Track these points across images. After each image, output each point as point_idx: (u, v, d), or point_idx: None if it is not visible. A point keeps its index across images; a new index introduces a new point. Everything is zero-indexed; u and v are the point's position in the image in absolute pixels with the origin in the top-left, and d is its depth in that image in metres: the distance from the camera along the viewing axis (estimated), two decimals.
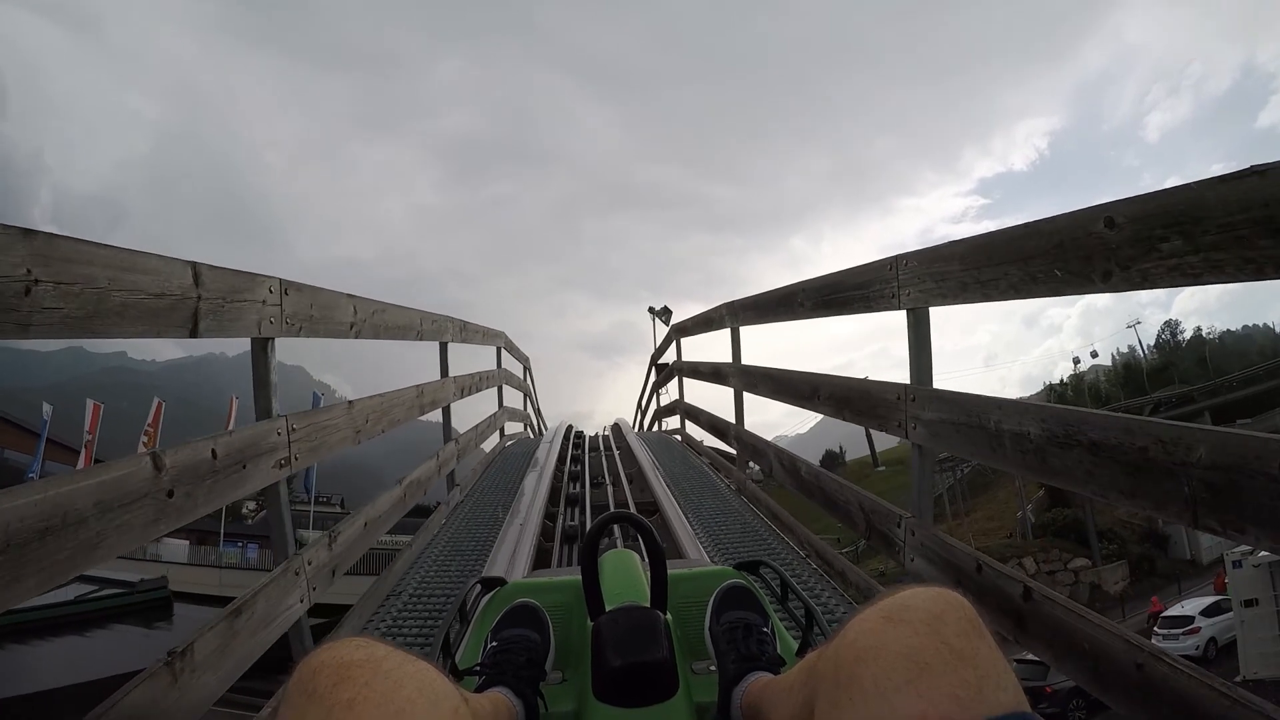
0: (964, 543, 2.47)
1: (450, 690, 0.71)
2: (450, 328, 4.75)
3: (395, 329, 3.53)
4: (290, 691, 0.66)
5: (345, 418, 2.81)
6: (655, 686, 1.12)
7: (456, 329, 4.91)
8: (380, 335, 3.31)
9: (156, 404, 26.90)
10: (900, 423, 2.51)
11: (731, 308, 4.79)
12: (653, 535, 1.30)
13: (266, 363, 2.34)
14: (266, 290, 2.26)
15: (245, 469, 2.10)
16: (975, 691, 0.59)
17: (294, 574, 2.37)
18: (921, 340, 2.49)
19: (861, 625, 0.67)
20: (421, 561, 3.66)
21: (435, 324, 4.38)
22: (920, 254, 2.39)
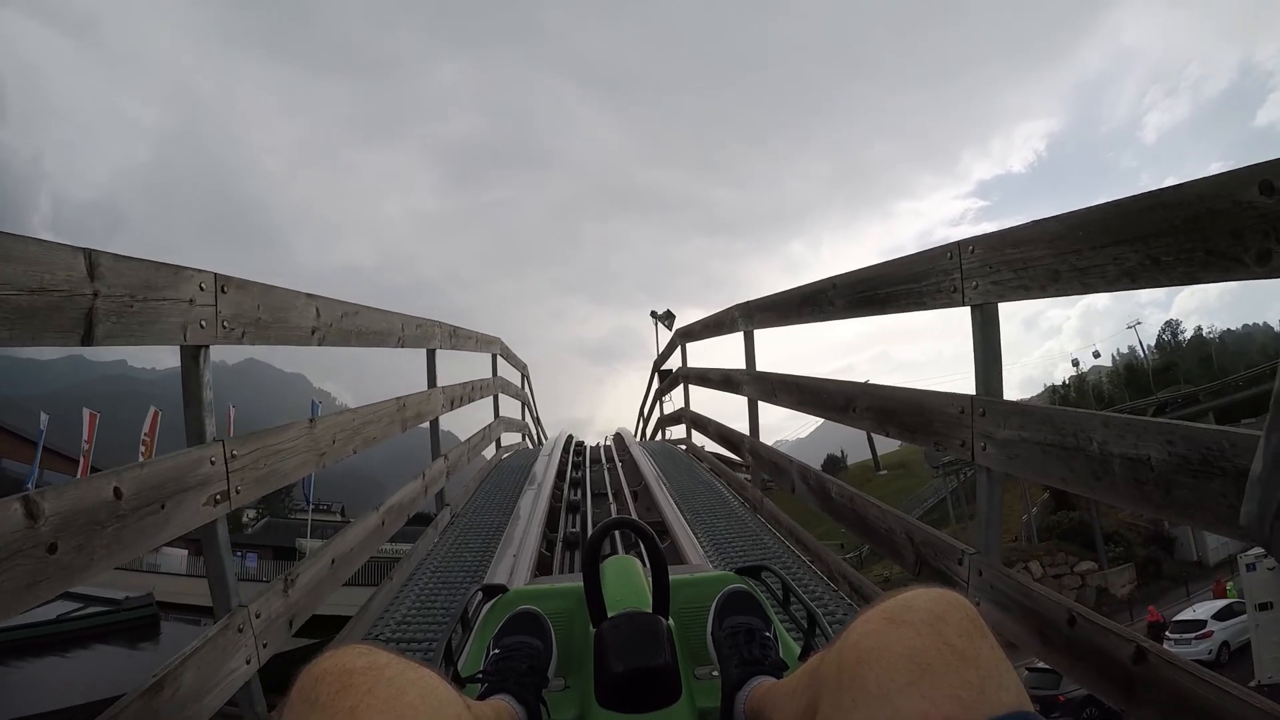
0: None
1: (453, 697, 0.71)
2: (438, 333, 4.33)
3: (370, 335, 3.11)
4: (293, 700, 0.65)
5: (304, 439, 2.39)
6: (658, 692, 1.12)
7: (445, 335, 4.50)
8: (351, 342, 2.89)
9: (153, 413, 26.63)
10: (964, 441, 2.09)
11: (745, 309, 4.38)
12: (654, 541, 1.30)
13: (198, 376, 1.92)
14: (196, 287, 1.84)
15: (165, 509, 1.68)
16: (978, 691, 0.59)
17: (237, 631, 1.96)
18: (990, 342, 2.08)
19: (864, 627, 0.67)
20: None
21: (421, 329, 3.96)
22: (990, 238, 1.98)
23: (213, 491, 1.87)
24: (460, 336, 4.94)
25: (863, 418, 2.71)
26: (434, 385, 4.32)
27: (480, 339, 5.95)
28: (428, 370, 4.35)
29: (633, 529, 1.38)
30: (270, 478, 2.15)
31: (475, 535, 4.17)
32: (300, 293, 2.44)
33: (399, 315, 3.53)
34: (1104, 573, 24.73)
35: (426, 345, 4.20)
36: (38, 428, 25.34)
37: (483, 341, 6.11)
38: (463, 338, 5.04)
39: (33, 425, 25.66)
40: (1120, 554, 25.71)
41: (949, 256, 2.11)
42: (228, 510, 1.94)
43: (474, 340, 5.61)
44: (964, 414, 2.09)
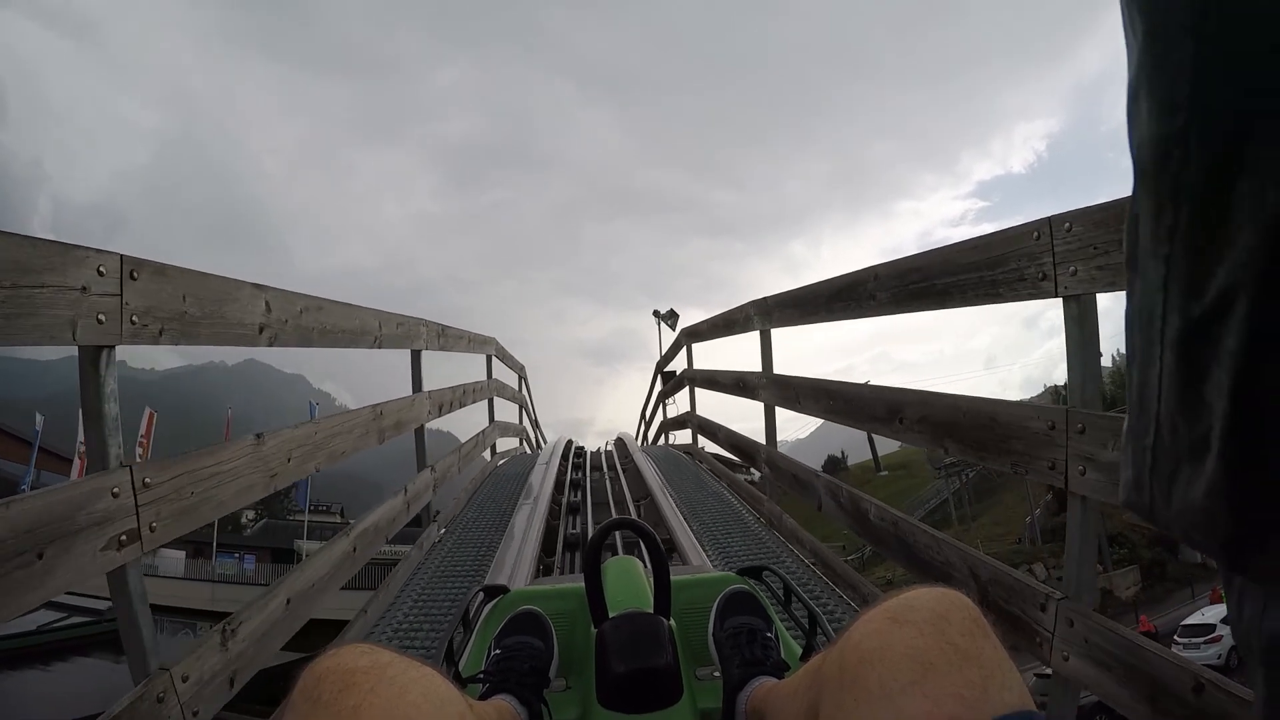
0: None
1: (455, 696, 0.70)
2: (424, 333, 3.93)
3: (338, 334, 2.71)
4: (295, 699, 0.64)
5: (248, 458, 1.98)
6: (659, 693, 1.12)
7: (432, 335, 4.09)
8: (314, 341, 2.48)
9: (148, 414, 26.40)
10: (1055, 463, 1.69)
11: (762, 306, 3.97)
12: (655, 541, 1.30)
13: (98, 384, 1.51)
14: (92, 272, 1.43)
15: (44, 559, 1.28)
16: (980, 691, 0.58)
17: (155, 700, 1.56)
18: (1089, 343, 1.68)
19: (866, 627, 0.66)
20: None
21: (402, 328, 3.56)
22: (1091, 213, 1.57)
23: (117, 531, 1.47)
24: (449, 336, 4.54)
25: (912, 431, 2.30)
26: (419, 390, 3.92)
27: (473, 339, 5.54)
28: (412, 373, 3.94)
29: (634, 529, 1.37)
30: (200, 509, 1.75)
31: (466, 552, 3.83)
32: (244, 282, 2.03)
33: (374, 312, 3.12)
34: (1109, 575, 24.55)
35: (410, 346, 3.79)
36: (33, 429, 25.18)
37: (476, 342, 5.69)
38: (452, 338, 4.64)
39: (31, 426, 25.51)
40: (1125, 556, 25.75)
41: (1035, 236, 1.71)
42: (139, 554, 1.54)
43: (466, 340, 5.20)
44: (1055, 430, 1.68)
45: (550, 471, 5.51)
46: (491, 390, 6.44)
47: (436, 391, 4.16)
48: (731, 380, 4.81)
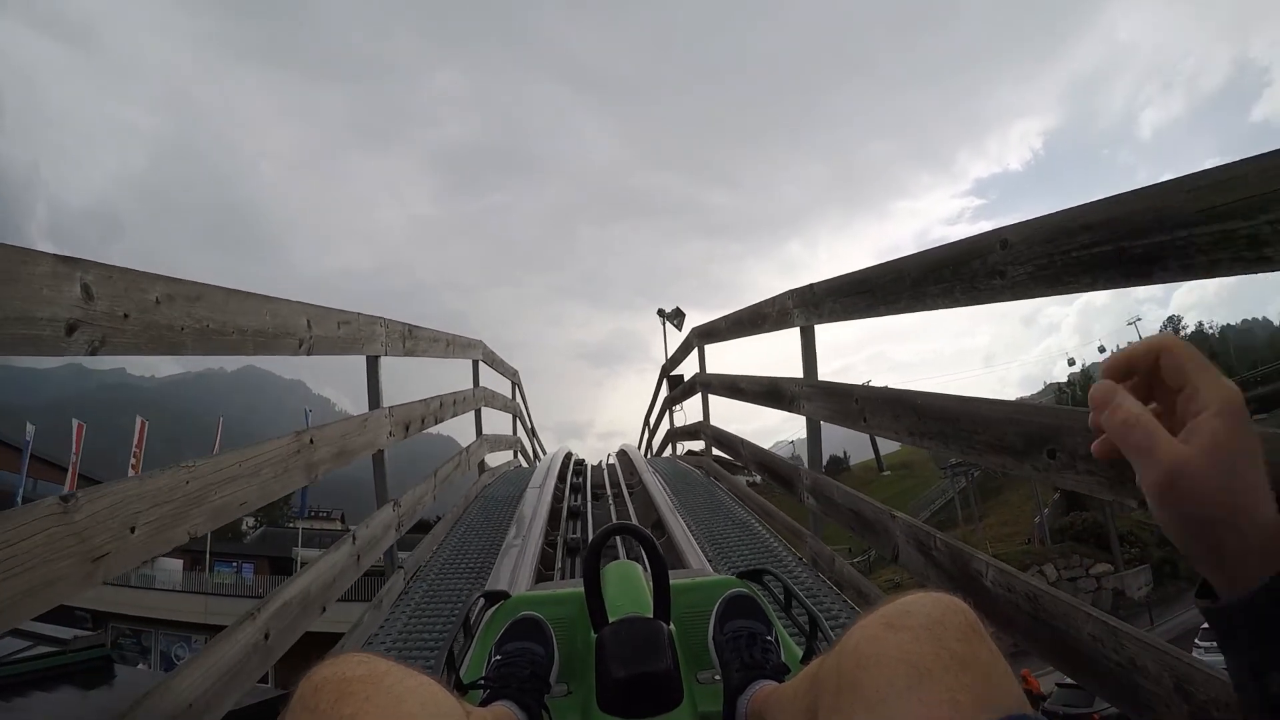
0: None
1: (453, 705, 0.70)
2: (381, 334, 3.14)
3: (230, 336, 1.91)
4: (293, 709, 0.64)
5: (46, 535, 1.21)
6: (660, 697, 1.11)
7: (394, 336, 3.31)
8: (185, 347, 1.69)
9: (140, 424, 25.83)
10: None
11: (806, 296, 3.17)
12: (655, 546, 1.29)
13: None
14: None
15: None
16: (976, 695, 0.58)
17: None
18: None
19: (863, 632, 0.66)
20: None
21: (348, 327, 2.77)
22: None
23: None
24: (419, 339, 3.74)
25: (1075, 472, 1.51)
26: (377, 405, 3.14)
27: (454, 342, 4.74)
28: (368, 385, 3.16)
29: (633, 534, 1.35)
30: None
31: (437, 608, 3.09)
32: (39, 253, 1.25)
33: (301, 306, 2.33)
34: (1120, 575, 24.23)
35: (362, 351, 3.01)
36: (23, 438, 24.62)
37: (457, 345, 4.89)
38: (424, 340, 3.84)
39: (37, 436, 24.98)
40: (1136, 555, 25.23)
41: None
42: None
43: (444, 344, 4.41)
44: None
45: (545, 497, 4.69)
46: (479, 400, 5.66)
47: (401, 407, 3.37)
48: (762, 388, 4.01)
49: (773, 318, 3.62)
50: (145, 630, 24.09)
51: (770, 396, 3.79)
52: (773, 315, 3.62)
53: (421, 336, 3.79)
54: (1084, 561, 24.33)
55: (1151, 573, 24.80)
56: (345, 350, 2.78)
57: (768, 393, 3.85)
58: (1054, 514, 27.29)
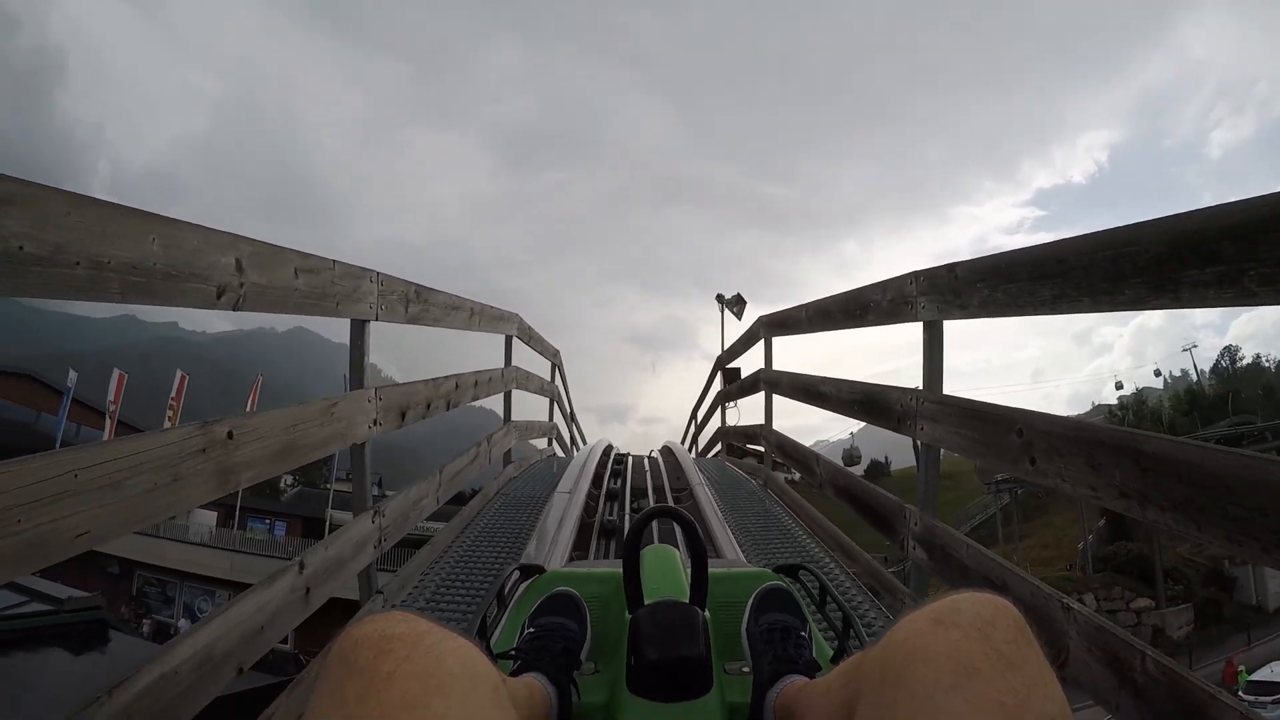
0: None
1: (490, 669, 0.70)
2: (370, 291, 2.37)
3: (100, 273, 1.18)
4: (331, 662, 0.64)
5: None
6: (690, 682, 1.10)
7: (393, 298, 2.55)
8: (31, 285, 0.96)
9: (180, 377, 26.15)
10: None
11: (941, 281, 2.31)
12: (696, 532, 1.26)
13: None
14: None
15: None
16: (1022, 699, 0.57)
17: None
18: None
19: (911, 627, 0.65)
20: None
21: (315, 278, 2.01)
22: None
23: None
24: (431, 304, 2.97)
25: None
26: (360, 385, 2.40)
27: (481, 312, 3.95)
28: (350, 358, 2.43)
29: (674, 518, 1.31)
30: None
31: None
32: None
33: (232, 239, 1.59)
34: (1161, 612, 22.96)
35: (340, 312, 2.26)
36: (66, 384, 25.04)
37: (486, 317, 4.11)
38: (437, 307, 3.06)
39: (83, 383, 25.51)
40: (1179, 593, 23.97)
41: None
42: None
43: (465, 313, 3.63)
44: None
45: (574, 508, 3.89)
46: (509, 382, 4.90)
47: (396, 388, 2.63)
48: (855, 396, 3.14)
49: (881, 308, 2.78)
50: (171, 581, 24.35)
51: (868, 408, 2.94)
52: (881, 305, 2.77)
53: (435, 302, 3.03)
54: (1125, 594, 23.22)
55: (1194, 612, 23.55)
56: (310, 309, 2.02)
57: (864, 403, 3.00)
58: (1098, 541, 26.11)
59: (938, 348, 2.45)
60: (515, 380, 5.07)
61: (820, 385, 3.67)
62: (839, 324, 3.35)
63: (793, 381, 4.36)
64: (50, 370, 27.64)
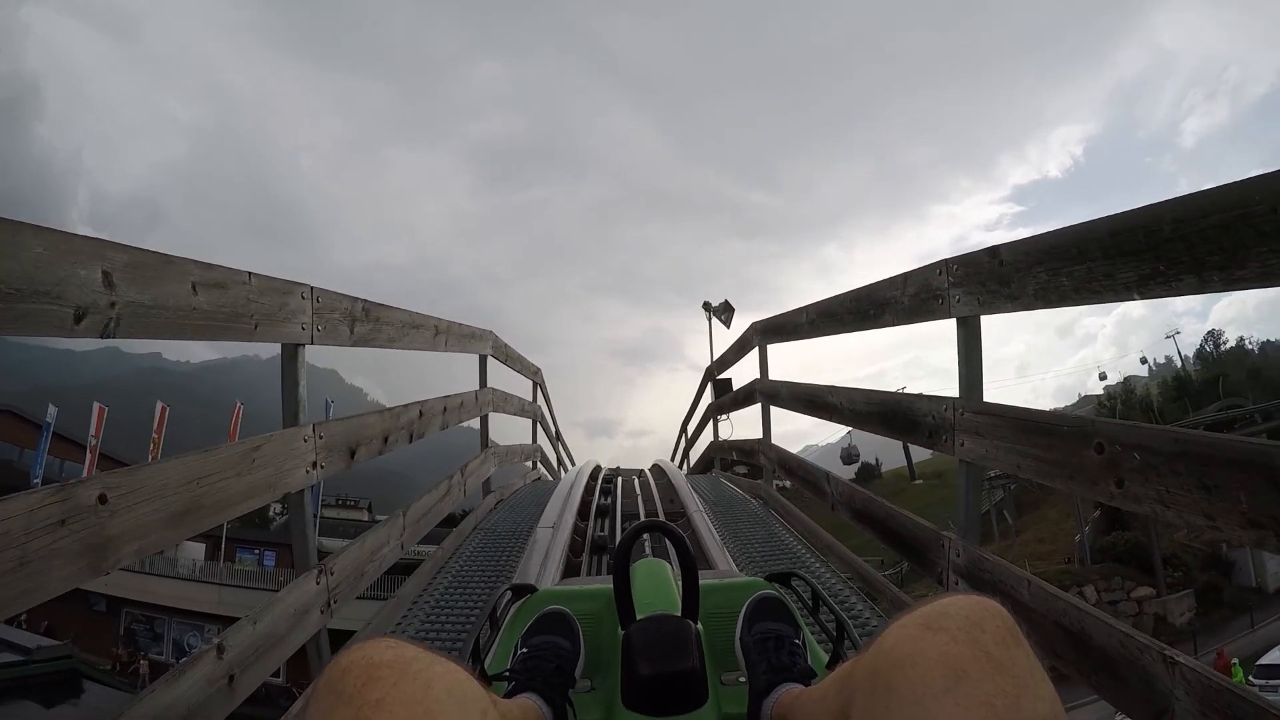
0: None
1: (479, 693, 0.70)
2: (303, 310, 1.98)
3: None
4: (319, 691, 0.64)
5: None
6: (685, 696, 1.10)
7: (334, 316, 2.15)
8: None
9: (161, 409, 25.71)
10: None
11: (981, 269, 1.93)
12: (685, 545, 1.29)
13: None
14: None
15: None
16: (1013, 700, 0.58)
17: None
18: None
19: (900, 632, 0.65)
20: None
21: (225, 294, 1.62)
22: None
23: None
24: (385, 324, 2.58)
25: None
26: (295, 421, 2.01)
27: (448, 331, 3.53)
28: (283, 387, 2.04)
29: (664, 532, 1.35)
30: None
31: None
32: None
33: (98, 245, 1.22)
34: (1163, 600, 22.59)
35: (263, 336, 1.86)
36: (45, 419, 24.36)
37: (454, 336, 3.69)
38: (392, 327, 2.67)
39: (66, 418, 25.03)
40: (1179, 579, 23.62)
41: None
42: None
43: (429, 332, 3.23)
44: None
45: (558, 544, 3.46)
46: (484, 405, 4.51)
47: (343, 422, 2.24)
48: (870, 407, 2.76)
49: (900, 305, 2.42)
50: (159, 617, 23.79)
51: (890, 421, 2.57)
52: (901, 301, 2.41)
53: (389, 320, 2.64)
54: (1125, 584, 22.87)
55: (1195, 598, 23.11)
56: (217, 333, 1.63)
57: (884, 415, 2.63)
58: (1094, 533, 25.54)
59: (975, 348, 2.09)
60: (492, 403, 4.68)
61: (827, 395, 3.30)
62: (847, 326, 2.99)
63: (794, 392, 4.00)
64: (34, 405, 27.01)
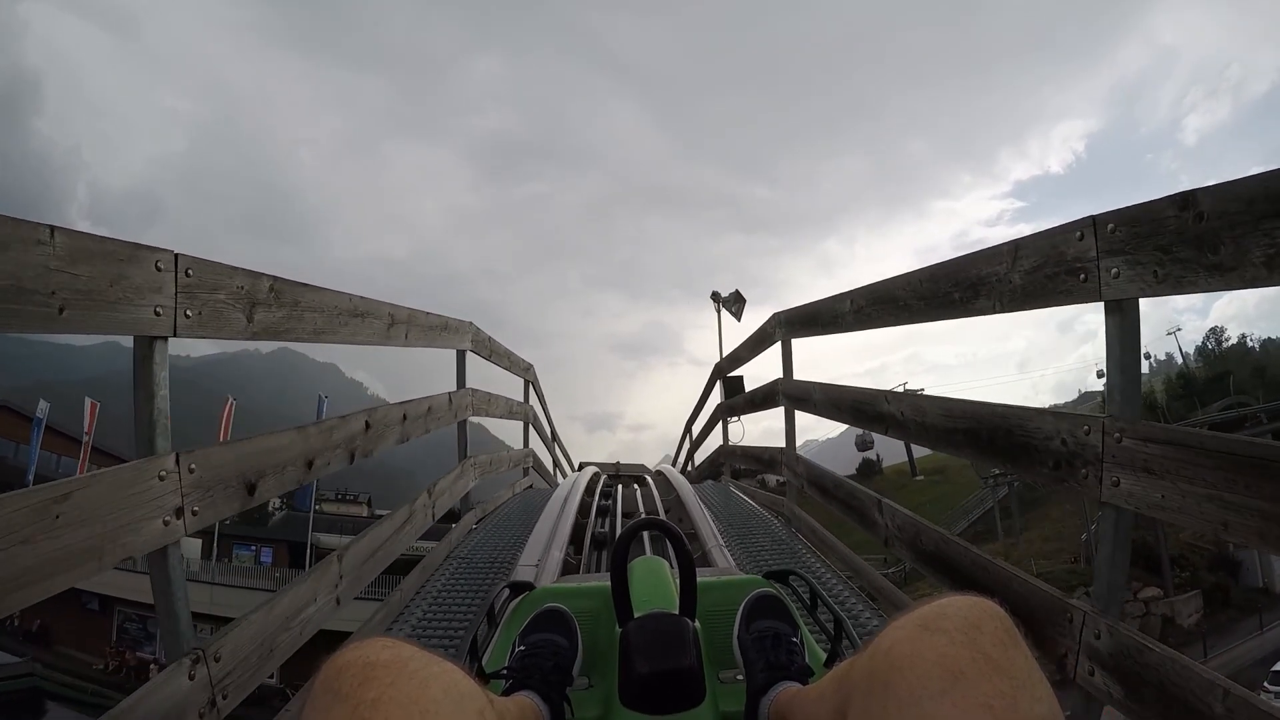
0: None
1: (476, 691, 0.70)
2: (157, 287, 1.35)
3: None
4: (316, 690, 0.64)
5: None
6: (682, 694, 1.09)
7: (221, 300, 1.50)
8: None
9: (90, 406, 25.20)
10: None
11: (1167, 222, 1.30)
12: (683, 542, 1.28)
13: None
14: None
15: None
16: (1010, 701, 0.58)
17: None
18: None
19: (897, 633, 0.65)
20: None
21: (38, 262, 1.01)
22: None
23: None
24: (307, 309, 1.88)
25: None
26: (150, 448, 1.38)
27: (408, 321, 2.85)
28: (135, 401, 1.40)
29: (662, 530, 1.34)
30: None
31: None
32: None
33: None
34: (1170, 600, 22.39)
35: (76, 325, 1.19)
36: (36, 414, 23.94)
37: (419, 328, 3.00)
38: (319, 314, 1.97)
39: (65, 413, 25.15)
40: (1187, 580, 23.43)
41: None
42: None
43: (383, 323, 2.54)
44: None
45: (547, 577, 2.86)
46: (463, 409, 3.85)
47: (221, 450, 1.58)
48: (957, 423, 2.07)
49: (1010, 285, 1.74)
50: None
51: (985, 444, 1.88)
52: (1011, 280, 1.75)
53: (314, 305, 1.98)
54: (1132, 585, 22.34)
55: (1202, 599, 22.94)
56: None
57: (972, 433, 1.95)
58: None
59: (1133, 343, 1.45)
60: (472, 406, 4.02)
61: (879, 404, 2.62)
62: (915, 315, 2.29)
63: (832, 396, 3.32)
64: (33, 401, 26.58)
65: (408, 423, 2.82)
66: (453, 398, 3.61)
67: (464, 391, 3.87)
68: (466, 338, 3.87)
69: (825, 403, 3.40)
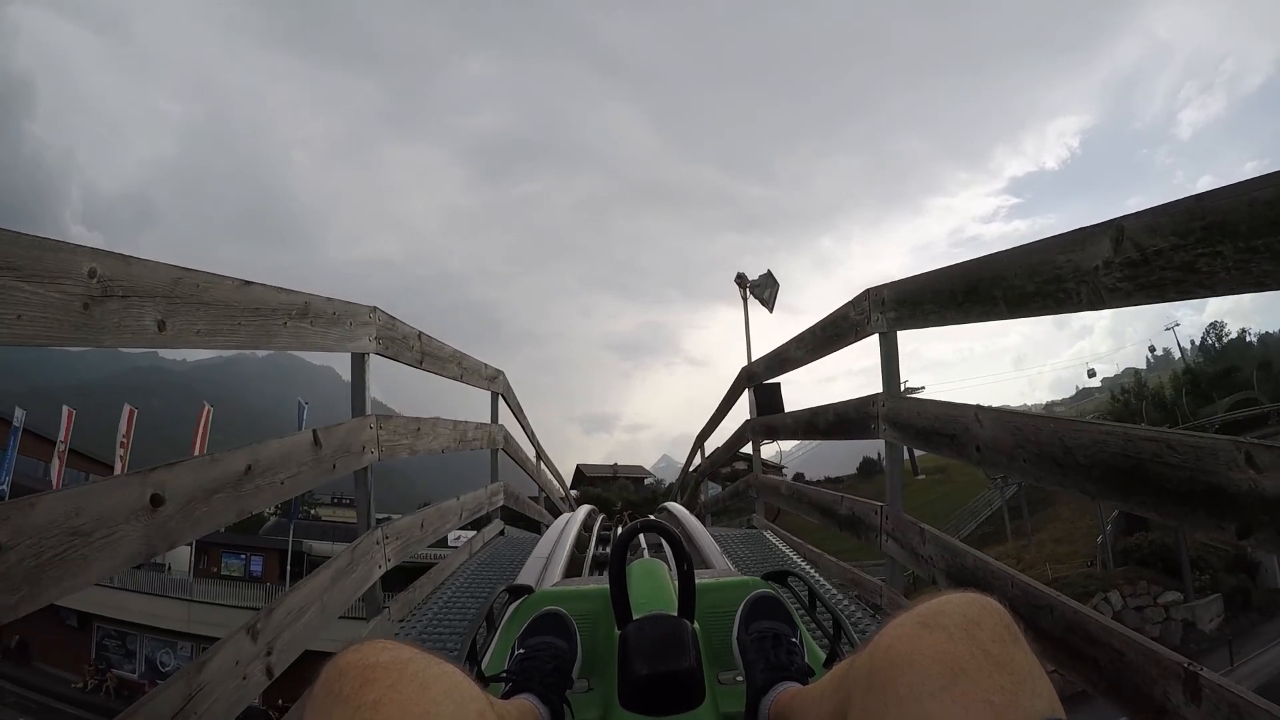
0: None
1: (477, 694, 0.69)
2: None
3: None
4: (316, 693, 0.63)
5: None
6: (682, 696, 1.09)
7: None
8: None
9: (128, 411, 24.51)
10: None
11: None
12: (681, 544, 1.27)
13: None
14: None
15: None
16: (1011, 698, 0.57)
17: None
18: None
19: (896, 631, 0.65)
20: None
21: None
22: None
23: None
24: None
25: None
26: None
27: (191, 298, 1.43)
28: None
29: (660, 532, 1.33)
30: None
31: None
32: None
33: None
34: (1190, 605, 21.30)
35: None
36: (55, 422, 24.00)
37: (243, 310, 1.53)
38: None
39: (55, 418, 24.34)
40: (1207, 583, 22.27)
41: None
42: None
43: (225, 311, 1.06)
44: None
45: None
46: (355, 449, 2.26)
47: None
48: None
49: None
50: (131, 633, 23.14)
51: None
52: None
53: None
54: (1151, 589, 21.53)
55: (1223, 603, 21.83)
56: None
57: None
58: (1116, 533, 24.36)
59: None
60: (380, 443, 2.45)
61: (1071, 434, 1.11)
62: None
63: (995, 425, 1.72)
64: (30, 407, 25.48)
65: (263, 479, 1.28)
66: (325, 435, 2.02)
67: (361, 420, 2.28)
68: (365, 332, 2.30)
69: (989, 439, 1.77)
